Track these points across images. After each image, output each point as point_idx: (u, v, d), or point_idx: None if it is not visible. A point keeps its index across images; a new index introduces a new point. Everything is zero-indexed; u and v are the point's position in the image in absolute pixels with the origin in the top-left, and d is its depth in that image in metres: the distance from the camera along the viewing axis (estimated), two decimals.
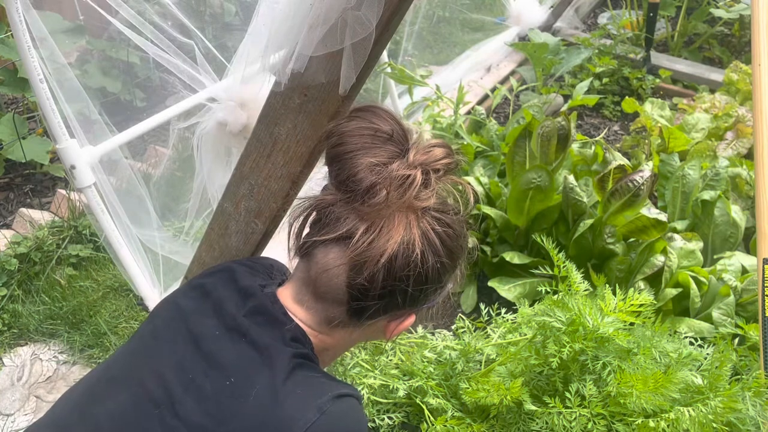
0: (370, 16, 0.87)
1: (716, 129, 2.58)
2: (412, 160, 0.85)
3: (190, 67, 1.46)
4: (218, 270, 1.06)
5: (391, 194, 0.82)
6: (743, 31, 3.45)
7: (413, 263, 0.82)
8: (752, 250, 2.02)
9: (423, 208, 0.83)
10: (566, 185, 1.94)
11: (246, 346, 0.89)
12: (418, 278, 0.84)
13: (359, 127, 0.87)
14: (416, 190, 0.82)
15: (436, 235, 0.84)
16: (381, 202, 0.82)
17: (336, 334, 0.94)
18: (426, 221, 0.84)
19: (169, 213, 1.94)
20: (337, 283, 0.86)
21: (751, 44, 1.69)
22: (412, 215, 0.83)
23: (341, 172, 0.86)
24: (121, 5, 1.39)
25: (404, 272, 0.83)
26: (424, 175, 0.84)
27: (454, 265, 0.89)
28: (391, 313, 0.91)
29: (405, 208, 0.83)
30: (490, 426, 1.41)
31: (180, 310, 0.97)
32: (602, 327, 1.27)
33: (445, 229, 0.85)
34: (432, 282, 0.87)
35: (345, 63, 0.93)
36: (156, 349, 0.93)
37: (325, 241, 0.86)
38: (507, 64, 3.30)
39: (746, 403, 1.25)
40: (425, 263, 0.83)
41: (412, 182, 0.82)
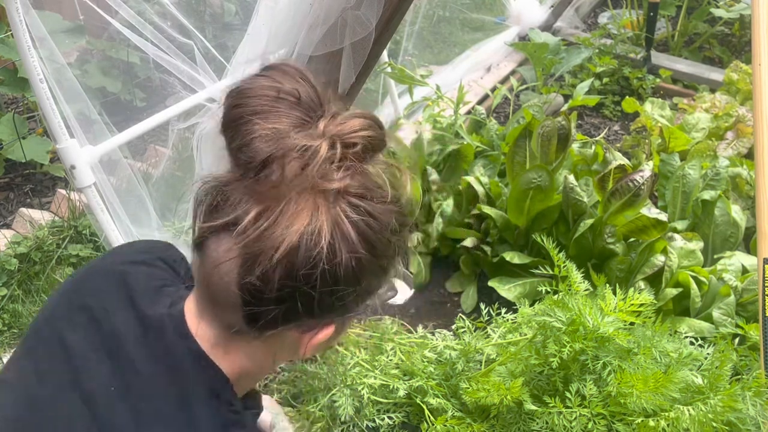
0: (369, 15, 0.87)
1: (716, 129, 2.58)
2: (321, 129, 0.68)
3: (190, 67, 1.46)
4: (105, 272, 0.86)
5: (287, 169, 0.66)
6: (743, 30, 3.45)
7: (319, 259, 0.65)
8: (752, 249, 2.02)
9: (337, 191, 0.66)
10: (566, 185, 1.94)
11: (149, 418, 0.72)
12: (327, 279, 0.67)
13: (262, 86, 0.70)
14: (320, 166, 0.66)
15: (352, 225, 0.66)
16: (277, 180, 0.66)
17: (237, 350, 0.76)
18: (340, 208, 0.66)
19: (169, 213, 1.94)
20: (227, 281, 0.69)
21: (752, 44, 1.68)
22: (321, 199, 0.66)
23: (234, 140, 0.70)
24: (120, 5, 1.39)
25: (307, 270, 0.65)
26: (333, 148, 0.67)
27: (379, 263, 0.71)
28: (297, 322, 0.72)
29: (312, 189, 0.66)
30: (491, 426, 1.41)
31: (65, 350, 0.77)
32: (602, 327, 1.27)
33: (365, 218, 0.67)
34: (347, 284, 0.68)
35: (344, 62, 0.93)
36: (40, 402, 0.75)
37: (215, 228, 0.69)
38: (507, 63, 3.30)
39: (746, 403, 1.25)
40: (335, 260, 0.66)
41: (314, 155, 0.66)
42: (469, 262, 2.13)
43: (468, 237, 2.08)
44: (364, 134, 0.69)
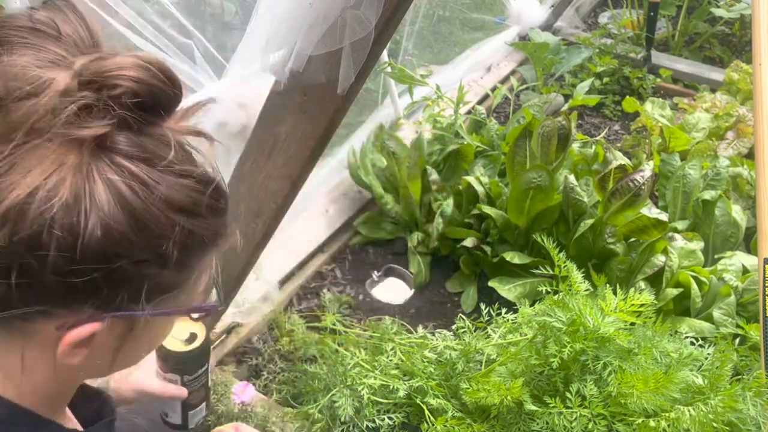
0: (369, 15, 0.87)
1: (717, 128, 2.58)
2: (76, 66, 0.54)
3: (189, 66, 1.46)
4: None
5: (11, 105, 0.52)
6: (744, 30, 3.44)
7: (53, 222, 0.50)
8: (753, 249, 2.02)
9: (96, 144, 0.52)
10: (567, 185, 1.94)
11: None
12: (63, 249, 0.51)
13: (21, 16, 0.57)
14: (69, 109, 0.51)
15: (107, 186, 0.52)
16: (16, 121, 0.52)
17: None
18: (96, 165, 0.52)
19: None
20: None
21: (752, 44, 1.68)
22: (73, 152, 0.52)
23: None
24: (120, 5, 1.38)
25: (35, 233, 0.50)
26: (87, 88, 0.52)
27: (151, 245, 0.55)
28: (37, 308, 0.55)
29: (62, 137, 0.51)
30: (491, 426, 1.41)
31: None
32: (603, 327, 1.27)
33: (129, 182, 0.53)
34: (94, 261, 0.53)
35: (344, 62, 0.93)
36: None
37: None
38: (507, 63, 3.30)
39: (747, 403, 1.25)
40: (75, 226, 0.51)
41: (46, 88, 0.52)
42: (470, 262, 2.13)
43: (468, 237, 2.08)
44: (132, 75, 0.53)
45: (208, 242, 0.61)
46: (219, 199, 0.60)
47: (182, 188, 0.56)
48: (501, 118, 2.96)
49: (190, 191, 0.57)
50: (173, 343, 1.05)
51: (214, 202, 0.60)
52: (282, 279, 2.09)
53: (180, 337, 1.06)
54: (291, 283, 2.12)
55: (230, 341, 1.90)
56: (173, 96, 0.57)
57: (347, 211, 2.35)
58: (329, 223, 2.29)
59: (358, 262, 2.24)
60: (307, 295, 2.12)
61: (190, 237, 0.57)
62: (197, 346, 1.06)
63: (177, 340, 1.06)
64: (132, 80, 0.53)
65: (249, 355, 1.90)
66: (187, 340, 1.07)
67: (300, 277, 2.14)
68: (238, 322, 1.91)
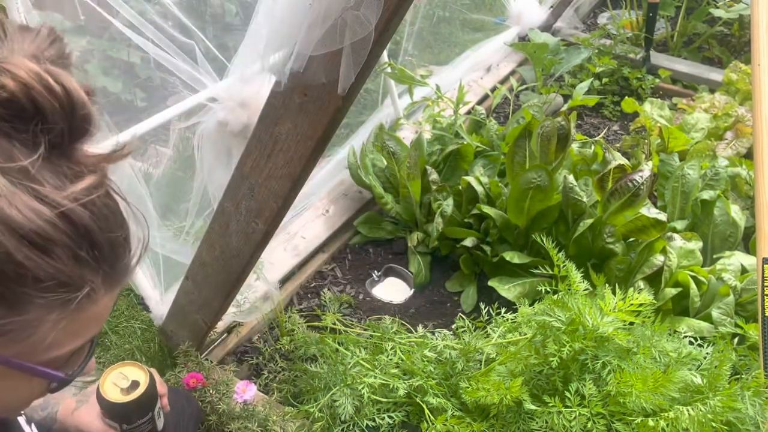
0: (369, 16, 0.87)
1: (716, 129, 2.59)
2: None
3: (191, 67, 1.46)
4: None
5: None
6: (743, 31, 3.45)
7: None
8: (752, 249, 2.02)
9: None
10: (566, 185, 1.94)
11: None
12: None
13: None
14: None
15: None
16: None
17: None
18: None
19: (169, 212, 1.94)
20: None
21: (751, 44, 1.69)
22: None
23: None
24: (121, 5, 1.39)
25: None
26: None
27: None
28: None
29: None
30: (490, 425, 1.41)
31: None
32: (602, 326, 1.27)
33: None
34: None
35: (344, 63, 0.93)
36: None
37: None
38: (507, 64, 3.30)
39: (745, 403, 1.25)
40: None
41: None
42: (469, 261, 2.13)
43: (468, 237, 2.09)
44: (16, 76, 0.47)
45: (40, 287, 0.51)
46: (84, 244, 0.52)
47: (29, 210, 0.48)
48: (501, 119, 2.97)
49: (37, 217, 0.49)
50: (112, 391, 0.99)
51: (71, 244, 0.51)
52: (282, 278, 2.10)
53: (120, 385, 1.00)
54: (291, 283, 2.13)
55: (231, 340, 1.90)
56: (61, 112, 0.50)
57: (347, 210, 2.36)
58: (329, 222, 2.29)
59: (358, 261, 2.25)
60: (308, 295, 2.12)
61: (10, 264, 0.48)
62: (136, 396, 0.99)
63: (117, 387, 1.00)
64: (13, 80, 0.47)
65: (250, 354, 1.90)
66: (128, 388, 1.00)
67: (300, 277, 2.15)
68: (238, 321, 1.91)
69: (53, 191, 0.50)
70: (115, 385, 1.00)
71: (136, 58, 2.59)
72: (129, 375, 1.02)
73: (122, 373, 1.02)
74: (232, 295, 1.55)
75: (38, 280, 0.50)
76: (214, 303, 1.54)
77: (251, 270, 1.48)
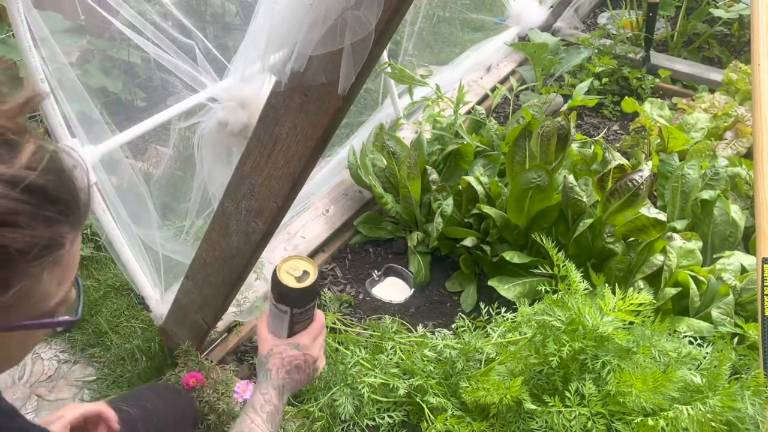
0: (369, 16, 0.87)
1: (715, 129, 2.59)
2: None
3: (191, 67, 1.46)
4: None
5: None
6: (742, 30, 3.45)
7: None
8: (751, 249, 2.02)
9: None
10: (566, 185, 1.94)
11: None
12: None
13: None
14: None
15: None
16: None
17: None
18: None
19: (169, 212, 1.94)
20: None
21: (751, 44, 1.69)
22: None
23: None
24: (121, 5, 1.39)
25: None
26: None
27: None
28: None
29: None
30: (490, 425, 1.41)
31: None
32: (602, 326, 1.27)
33: None
34: None
35: (344, 63, 0.93)
36: None
37: None
38: (507, 63, 3.30)
39: (745, 402, 1.26)
40: None
41: None
42: (469, 261, 2.13)
43: (468, 236, 2.09)
44: None
45: (27, 257, 0.54)
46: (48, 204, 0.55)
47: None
48: (501, 118, 2.97)
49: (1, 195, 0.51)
50: (287, 279, 1.11)
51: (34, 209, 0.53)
52: None
53: (293, 274, 1.12)
54: None
55: (231, 340, 1.90)
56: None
57: (347, 210, 2.36)
58: (329, 222, 2.29)
59: (358, 261, 2.25)
60: None
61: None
62: (308, 284, 1.11)
63: (291, 276, 1.11)
64: None
65: (250, 353, 1.91)
66: (300, 277, 1.12)
67: None
68: (238, 320, 1.91)
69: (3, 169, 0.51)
70: (288, 274, 1.11)
71: (136, 58, 2.60)
72: (300, 266, 1.13)
73: (295, 265, 1.13)
74: (233, 295, 1.55)
75: (23, 253, 0.53)
76: (214, 302, 1.54)
77: (251, 270, 1.48)
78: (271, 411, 1.06)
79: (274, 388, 1.09)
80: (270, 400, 1.07)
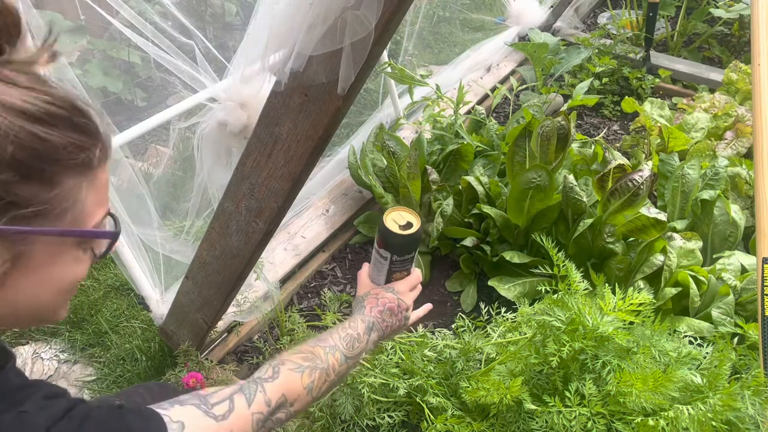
0: (369, 15, 0.87)
1: (716, 128, 2.59)
2: None
3: (191, 67, 1.46)
4: None
5: None
6: (743, 30, 3.45)
7: None
8: (752, 249, 2.02)
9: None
10: (566, 185, 1.94)
11: None
12: None
13: None
14: None
15: None
16: None
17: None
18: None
19: (169, 212, 1.94)
20: None
21: (751, 44, 1.69)
22: None
23: None
24: (121, 5, 1.39)
25: None
26: None
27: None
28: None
29: None
30: (490, 425, 1.41)
31: None
32: (602, 326, 1.27)
33: None
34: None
35: (344, 62, 0.93)
36: None
37: None
38: (507, 63, 3.30)
39: (745, 402, 1.26)
40: None
41: None
42: (469, 261, 2.13)
43: (468, 236, 2.09)
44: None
45: (66, 153, 0.62)
46: (75, 114, 0.63)
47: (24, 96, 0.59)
48: (501, 118, 2.97)
49: (33, 100, 0.60)
50: (393, 226, 1.16)
51: (67, 115, 0.62)
52: (282, 278, 2.10)
53: (399, 222, 1.17)
54: (291, 282, 2.13)
55: (231, 340, 1.90)
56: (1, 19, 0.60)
57: (347, 210, 2.36)
58: (330, 222, 2.29)
59: (358, 261, 2.25)
60: (308, 294, 2.12)
61: (38, 141, 0.60)
62: (411, 233, 1.16)
63: (396, 224, 1.17)
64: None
65: (250, 353, 1.91)
66: (404, 226, 1.17)
67: (300, 276, 2.15)
68: (238, 321, 1.91)
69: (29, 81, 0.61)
70: (394, 221, 1.18)
71: (136, 58, 2.60)
72: (405, 217, 1.19)
73: (401, 214, 1.19)
74: (233, 295, 1.55)
75: (61, 149, 0.61)
76: (214, 302, 1.54)
77: (251, 270, 1.48)
78: (350, 334, 1.09)
79: (363, 322, 1.13)
80: (355, 327, 1.10)
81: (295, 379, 0.97)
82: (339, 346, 1.06)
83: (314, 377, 0.99)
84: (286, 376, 0.96)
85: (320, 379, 1.00)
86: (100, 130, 0.67)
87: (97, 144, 0.66)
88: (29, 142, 0.59)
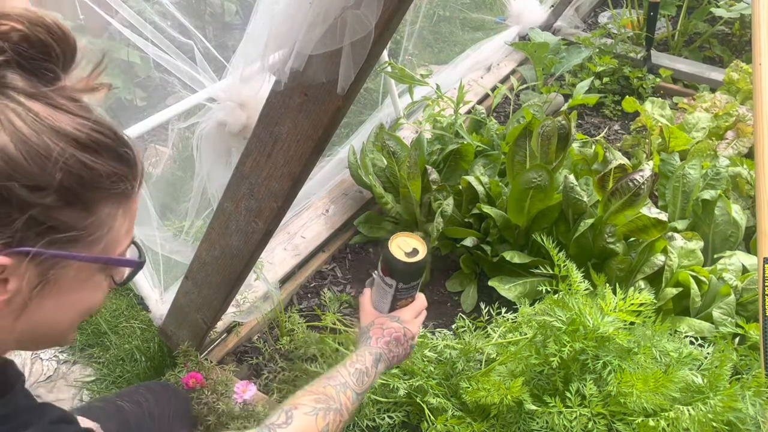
0: (369, 15, 0.87)
1: (717, 128, 2.58)
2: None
3: (190, 67, 1.46)
4: None
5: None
6: (744, 30, 3.45)
7: None
8: (753, 249, 2.02)
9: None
10: (566, 184, 1.94)
11: None
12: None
13: None
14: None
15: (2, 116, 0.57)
16: None
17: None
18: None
19: (169, 212, 1.94)
20: None
21: (752, 43, 1.69)
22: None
23: None
24: (120, 5, 1.39)
25: None
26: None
27: (43, 174, 0.58)
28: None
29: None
30: (491, 425, 1.41)
31: None
32: (602, 326, 1.27)
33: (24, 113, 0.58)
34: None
35: (344, 62, 0.93)
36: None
37: None
38: (507, 63, 3.30)
39: (746, 403, 1.25)
40: None
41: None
42: (469, 261, 2.13)
43: (468, 236, 2.09)
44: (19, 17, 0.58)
45: (108, 182, 0.63)
46: (119, 144, 0.64)
47: (75, 124, 0.60)
48: (501, 118, 2.97)
49: (83, 127, 0.61)
50: (398, 253, 1.14)
51: (113, 144, 0.63)
52: (282, 278, 2.09)
53: (404, 249, 1.15)
54: (291, 283, 2.12)
55: (231, 340, 1.90)
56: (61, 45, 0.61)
57: (347, 210, 2.35)
58: (329, 222, 2.29)
59: (358, 261, 2.24)
60: (308, 294, 2.12)
61: (84, 169, 0.61)
62: (416, 260, 1.14)
63: (401, 250, 1.15)
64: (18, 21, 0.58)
65: (249, 354, 1.90)
66: (410, 253, 1.15)
67: (300, 277, 2.15)
68: (238, 321, 1.91)
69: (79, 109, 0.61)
70: (399, 248, 1.15)
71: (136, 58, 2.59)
72: (411, 243, 1.16)
73: (406, 241, 1.17)
74: (232, 295, 1.54)
75: (105, 177, 0.62)
76: (214, 303, 1.53)
77: (251, 270, 1.47)
78: (359, 369, 1.08)
79: (371, 354, 1.12)
80: (363, 362, 1.09)
81: (310, 423, 0.95)
82: (349, 383, 1.05)
83: (329, 419, 0.98)
84: (301, 421, 0.94)
85: (335, 421, 0.99)
86: (138, 161, 0.68)
87: (136, 175, 0.68)
88: (77, 169, 0.60)
